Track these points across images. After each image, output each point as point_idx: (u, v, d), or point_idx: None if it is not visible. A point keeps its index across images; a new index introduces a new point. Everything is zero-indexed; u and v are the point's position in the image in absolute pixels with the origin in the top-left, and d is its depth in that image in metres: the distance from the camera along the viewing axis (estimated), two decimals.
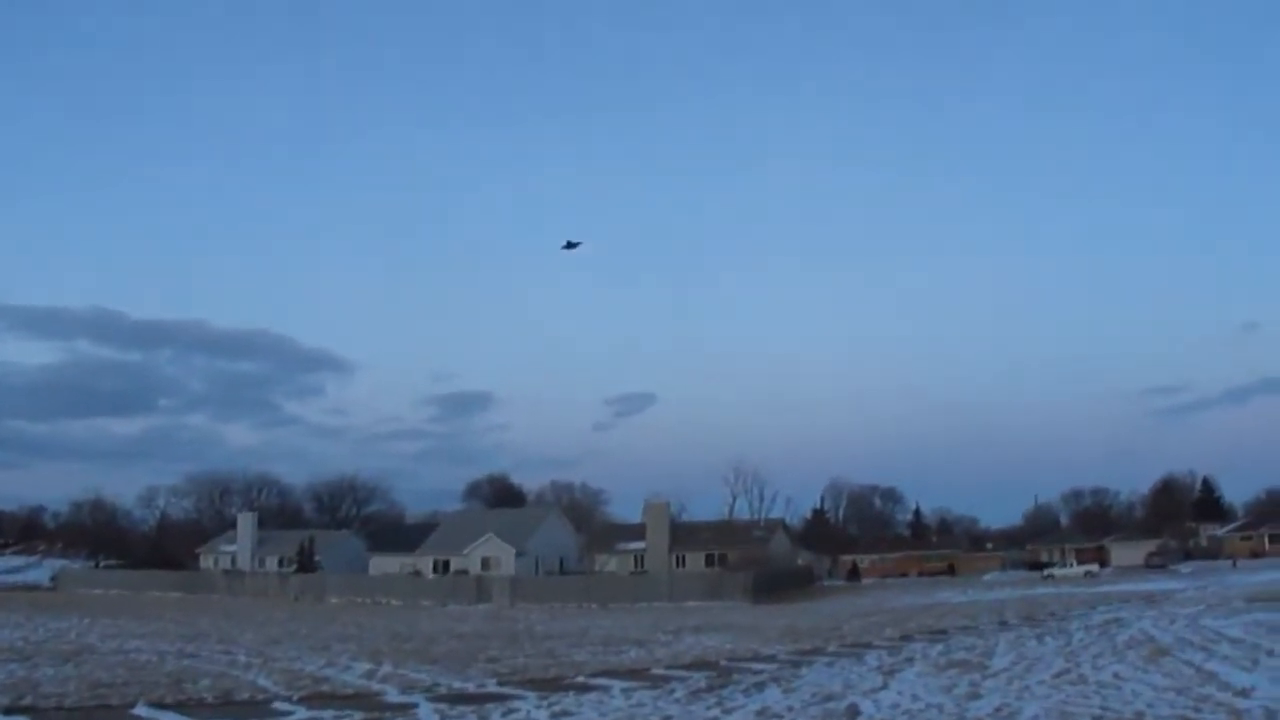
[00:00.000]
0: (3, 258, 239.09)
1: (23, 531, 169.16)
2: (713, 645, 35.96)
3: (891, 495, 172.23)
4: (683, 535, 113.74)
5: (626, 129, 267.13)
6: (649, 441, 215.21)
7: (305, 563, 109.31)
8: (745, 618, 57.06)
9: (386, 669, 28.71)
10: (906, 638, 35.96)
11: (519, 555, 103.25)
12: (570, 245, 77.74)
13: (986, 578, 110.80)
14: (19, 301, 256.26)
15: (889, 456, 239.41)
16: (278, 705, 21.06)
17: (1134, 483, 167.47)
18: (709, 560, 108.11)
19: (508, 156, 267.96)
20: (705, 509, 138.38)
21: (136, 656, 33.31)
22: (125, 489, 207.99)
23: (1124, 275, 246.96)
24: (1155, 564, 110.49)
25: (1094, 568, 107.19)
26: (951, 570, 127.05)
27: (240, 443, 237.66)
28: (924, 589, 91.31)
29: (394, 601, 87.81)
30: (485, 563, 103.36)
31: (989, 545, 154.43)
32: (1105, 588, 74.45)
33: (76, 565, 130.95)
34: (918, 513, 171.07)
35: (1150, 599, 54.33)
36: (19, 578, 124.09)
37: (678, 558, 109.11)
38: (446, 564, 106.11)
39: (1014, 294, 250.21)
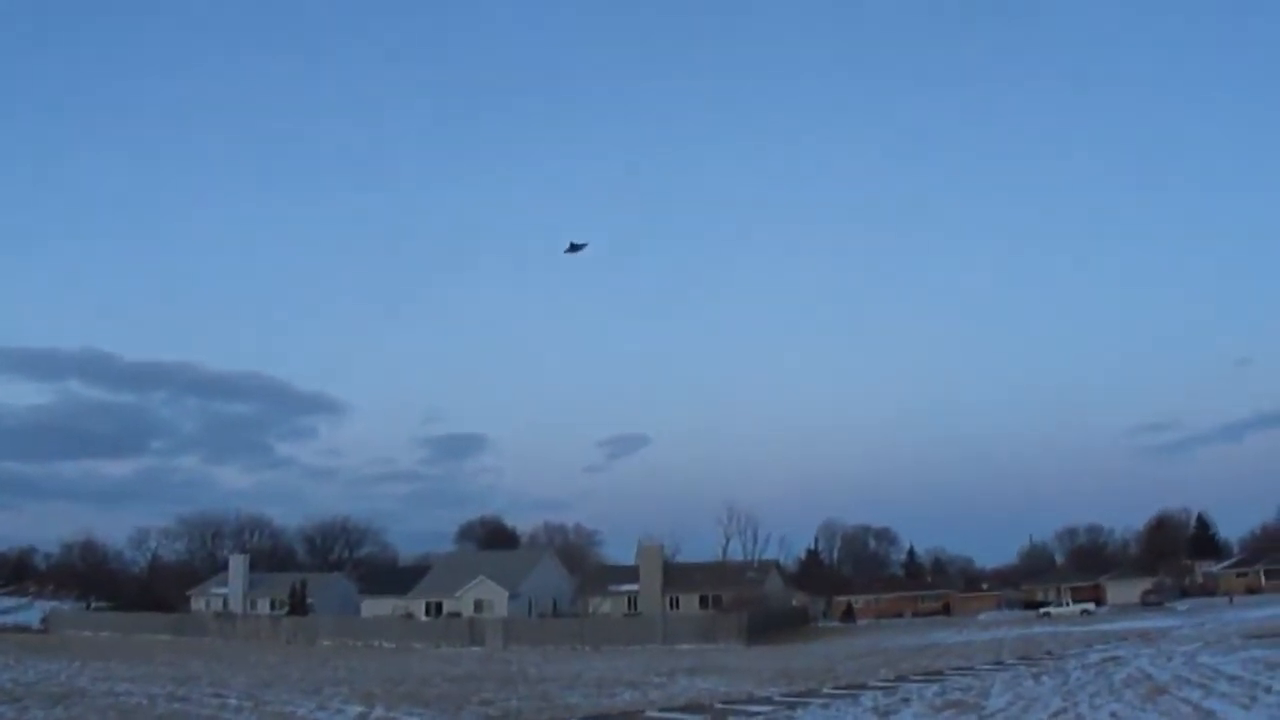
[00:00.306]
0: None
1: (13, 573, 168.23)
2: (707, 688, 35.73)
3: (885, 535, 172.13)
4: (676, 577, 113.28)
5: (617, 170, 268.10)
6: (642, 483, 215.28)
7: (297, 605, 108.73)
8: (739, 660, 56.74)
9: (379, 712, 28.45)
10: (902, 679, 35.71)
11: (512, 597, 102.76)
12: (574, 248, 72.62)
13: (982, 617, 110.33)
14: (10, 343, 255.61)
15: (882, 497, 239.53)
16: None
17: (1129, 520, 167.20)
18: (703, 602, 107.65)
19: (499, 199, 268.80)
20: (699, 550, 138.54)
21: (127, 700, 33.00)
22: (117, 530, 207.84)
23: (1116, 312, 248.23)
24: (1151, 601, 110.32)
25: (1090, 606, 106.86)
26: (947, 610, 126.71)
27: (232, 485, 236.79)
28: (919, 629, 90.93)
29: (386, 644, 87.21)
30: (478, 605, 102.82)
31: (984, 585, 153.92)
32: (1102, 626, 74.19)
33: (67, 607, 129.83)
34: (912, 553, 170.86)
35: (1147, 637, 54.07)
36: (9, 619, 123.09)
37: (671, 599, 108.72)
38: (439, 606, 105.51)
39: (1005, 333, 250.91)
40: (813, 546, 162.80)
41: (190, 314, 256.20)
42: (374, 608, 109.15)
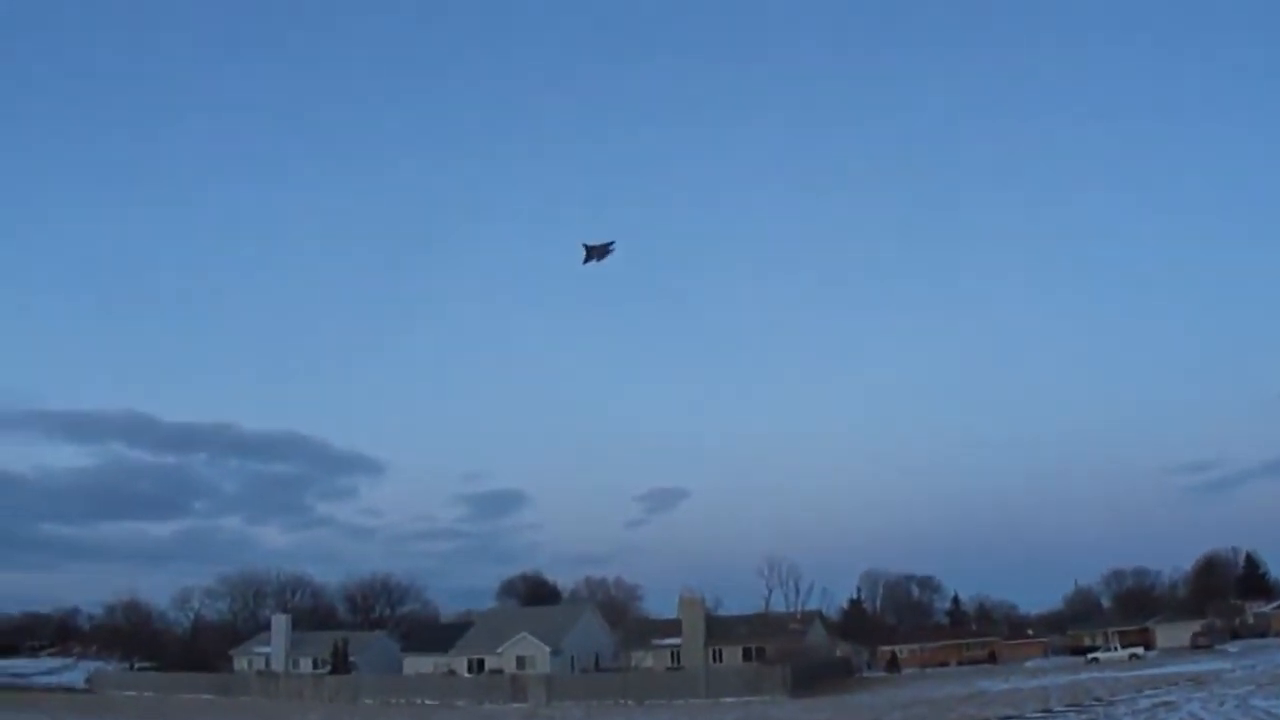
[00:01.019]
0: (36, 364, 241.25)
1: (58, 633, 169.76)
2: None
3: (928, 584, 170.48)
4: (719, 629, 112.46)
5: (655, 223, 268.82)
6: (683, 536, 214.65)
7: (339, 664, 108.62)
8: (783, 712, 56.28)
9: None
10: None
11: (554, 653, 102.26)
12: (596, 252, 54.60)
13: (1029, 664, 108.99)
14: (53, 406, 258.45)
15: (925, 545, 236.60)
16: None
17: (1176, 561, 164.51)
18: (746, 654, 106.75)
19: (535, 255, 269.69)
20: (741, 602, 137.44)
21: None
22: (160, 591, 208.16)
23: (1153, 349, 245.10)
24: (1201, 644, 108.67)
25: (1139, 650, 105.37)
26: (993, 658, 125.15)
27: (273, 544, 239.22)
28: (965, 678, 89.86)
29: (429, 702, 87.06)
30: (520, 661, 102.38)
31: (1029, 631, 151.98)
32: (1151, 670, 73.20)
33: (111, 667, 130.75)
34: (956, 600, 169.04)
35: (1198, 680, 53.31)
36: (54, 679, 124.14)
37: (714, 652, 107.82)
38: (481, 663, 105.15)
39: (1044, 375, 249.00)
40: (855, 596, 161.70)
41: (229, 375, 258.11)
42: (416, 665, 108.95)
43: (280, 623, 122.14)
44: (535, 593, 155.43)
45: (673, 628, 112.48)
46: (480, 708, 79.05)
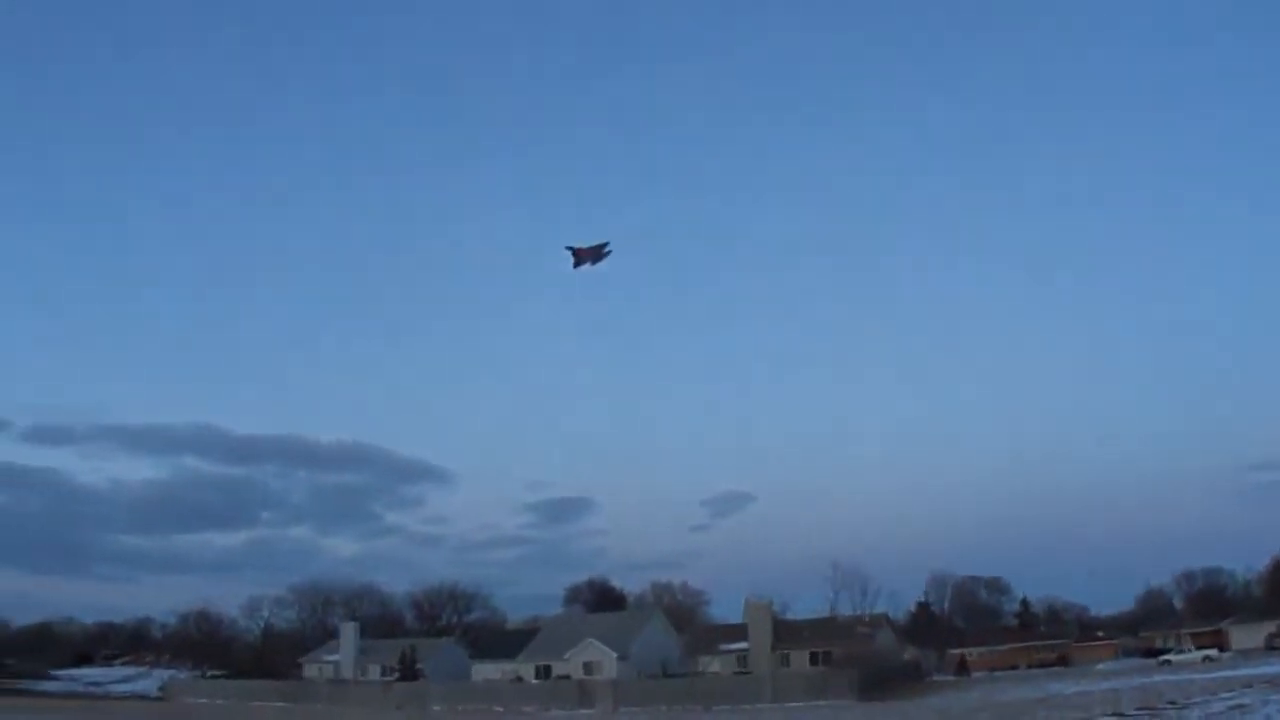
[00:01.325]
0: (109, 379, 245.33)
1: (131, 643, 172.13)
2: None
3: (997, 585, 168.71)
4: (786, 634, 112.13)
5: (723, 224, 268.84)
6: (748, 540, 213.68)
7: (408, 671, 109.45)
8: (853, 716, 56.11)
9: None
10: None
11: (621, 659, 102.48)
12: (585, 256, 45.01)
13: (1100, 666, 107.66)
14: (125, 420, 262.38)
15: (992, 546, 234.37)
16: None
17: (1249, 560, 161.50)
18: (813, 659, 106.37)
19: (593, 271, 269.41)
20: (807, 606, 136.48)
21: None
22: (230, 600, 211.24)
23: (1225, 347, 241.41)
24: (1278, 646, 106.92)
25: (1213, 652, 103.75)
26: (1063, 660, 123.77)
27: (342, 553, 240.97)
28: (1035, 681, 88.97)
29: (497, 708, 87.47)
30: (587, 667, 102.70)
31: (1099, 633, 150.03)
32: (1226, 673, 72.08)
33: (183, 675, 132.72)
34: (1025, 602, 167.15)
35: (1276, 684, 52.48)
36: (128, 688, 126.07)
37: (781, 657, 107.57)
38: (548, 669, 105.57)
39: (1112, 374, 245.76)
40: (923, 599, 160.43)
41: (296, 388, 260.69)
42: (484, 672, 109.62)
43: (349, 631, 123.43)
44: (602, 599, 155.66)
45: (739, 632, 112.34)
46: (548, 714, 79.35)
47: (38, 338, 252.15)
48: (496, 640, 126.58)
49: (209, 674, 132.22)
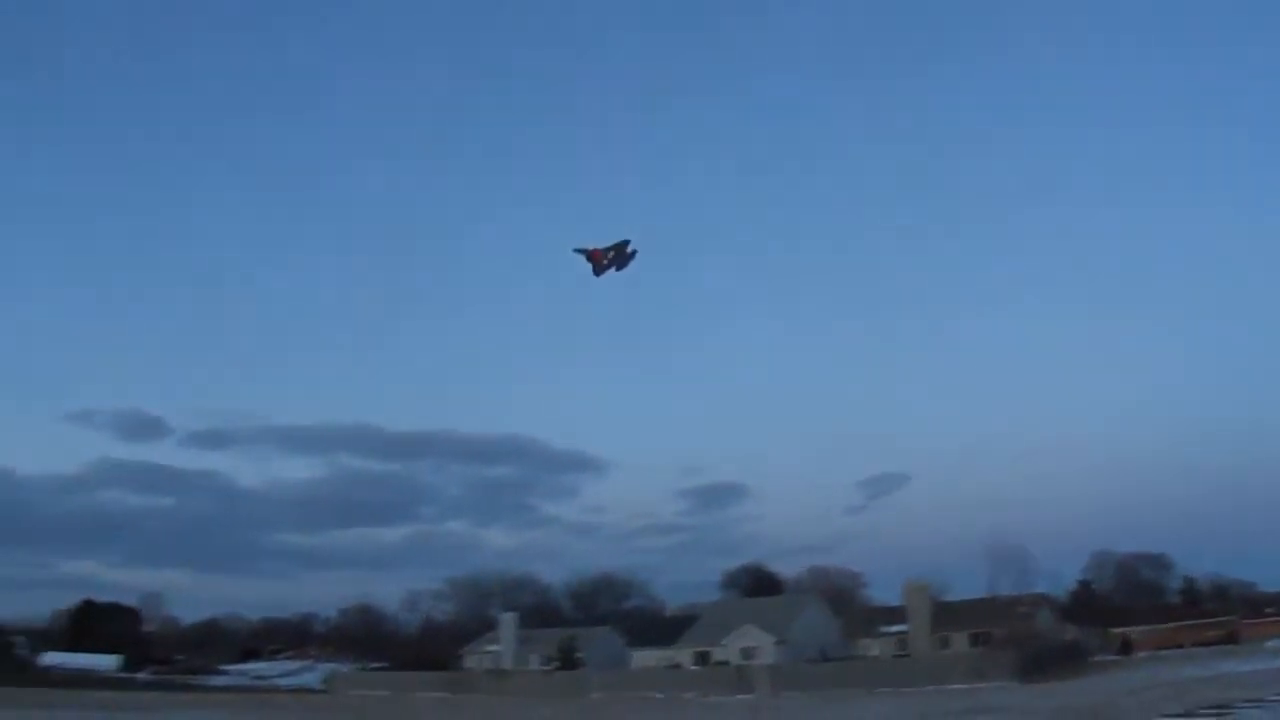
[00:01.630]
0: (267, 381, 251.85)
1: (295, 637, 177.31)
2: None
3: (1160, 562, 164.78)
4: (945, 615, 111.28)
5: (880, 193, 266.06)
6: (905, 521, 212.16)
7: (567, 660, 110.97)
8: (1014, 698, 55.80)
9: None
10: (1189, 714, 34.81)
11: (778, 643, 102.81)
12: (605, 259, 36.59)
13: (1270, 644, 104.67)
14: (284, 421, 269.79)
15: (1155, 522, 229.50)
16: None
17: None
18: (973, 640, 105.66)
19: (751, 239, 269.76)
20: (966, 587, 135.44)
21: None
22: (390, 594, 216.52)
23: None
24: None
25: None
26: (1230, 638, 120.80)
27: (499, 545, 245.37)
28: (1202, 660, 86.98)
29: (655, 695, 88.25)
30: (745, 653, 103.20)
31: (1268, 610, 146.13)
32: None
33: (345, 668, 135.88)
34: (1190, 579, 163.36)
35: None
36: (293, 681, 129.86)
37: (941, 639, 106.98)
38: (706, 655, 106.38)
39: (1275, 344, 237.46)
40: (1084, 577, 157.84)
41: (448, 382, 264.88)
42: (642, 659, 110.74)
43: (508, 621, 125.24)
44: (758, 584, 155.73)
45: (897, 615, 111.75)
46: (706, 700, 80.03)
47: (196, 345, 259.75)
48: (654, 627, 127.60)
49: (370, 666, 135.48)
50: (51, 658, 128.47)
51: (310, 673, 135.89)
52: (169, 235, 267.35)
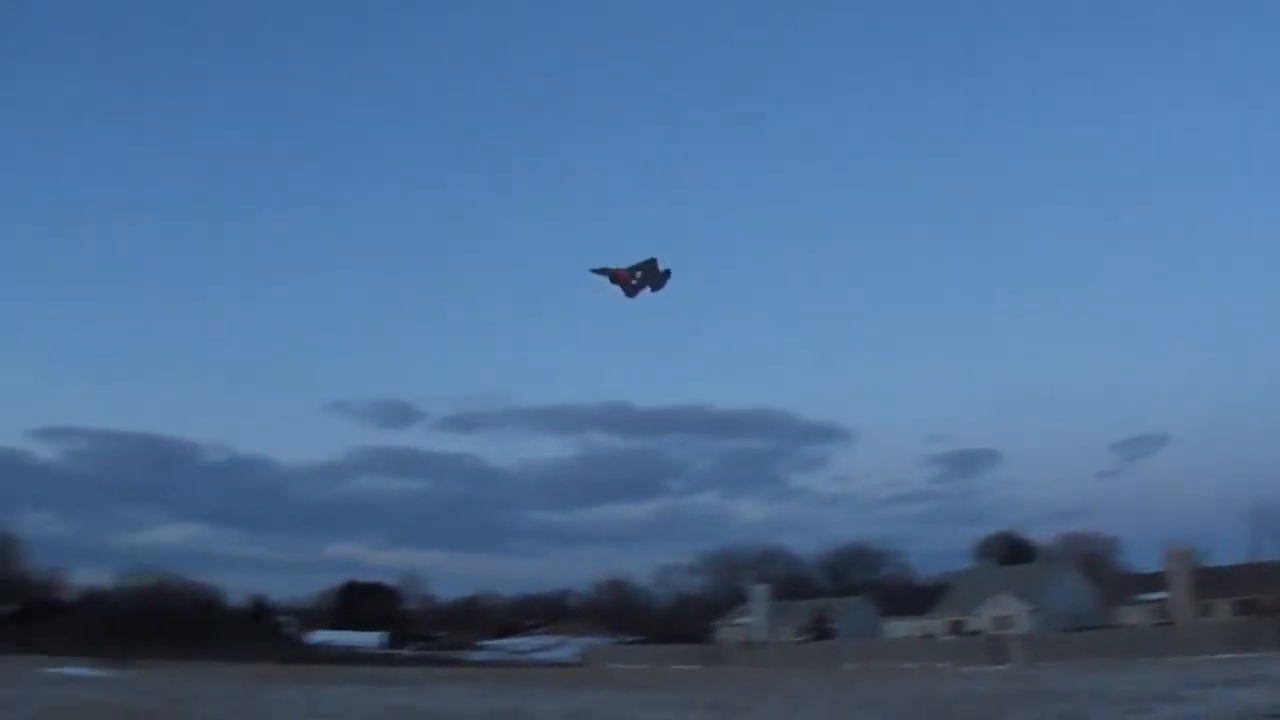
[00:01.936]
0: (515, 364, 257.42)
1: (550, 613, 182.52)
2: (1250, 700, 34.24)
3: None
4: (1207, 582, 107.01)
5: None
6: (1163, 484, 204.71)
7: (820, 630, 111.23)
8: None
9: None
10: None
11: (1033, 612, 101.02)
12: (636, 280, 28.48)
13: None
14: (533, 403, 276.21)
15: None
16: None
17: None
18: (1237, 608, 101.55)
19: (982, 203, 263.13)
20: (1227, 552, 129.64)
21: None
22: (641, 569, 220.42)
23: None
24: None
25: None
26: None
27: (748, 517, 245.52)
28: None
29: (908, 665, 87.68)
30: (999, 621, 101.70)
31: None
32: None
33: (601, 642, 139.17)
34: None
35: None
36: (549, 655, 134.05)
37: (1202, 606, 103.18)
38: (959, 625, 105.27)
39: None
40: None
41: (695, 359, 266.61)
42: (894, 629, 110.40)
43: (760, 593, 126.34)
44: (1011, 551, 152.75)
45: (1156, 581, 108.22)
46: (960, 670, 79.08)
47: (446, 334, 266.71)
48: (906, 597, 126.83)
49: (625, 641, 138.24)
50: (319, 636, 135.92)
51: (565, 648, 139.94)
52: (411, 224, 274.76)
